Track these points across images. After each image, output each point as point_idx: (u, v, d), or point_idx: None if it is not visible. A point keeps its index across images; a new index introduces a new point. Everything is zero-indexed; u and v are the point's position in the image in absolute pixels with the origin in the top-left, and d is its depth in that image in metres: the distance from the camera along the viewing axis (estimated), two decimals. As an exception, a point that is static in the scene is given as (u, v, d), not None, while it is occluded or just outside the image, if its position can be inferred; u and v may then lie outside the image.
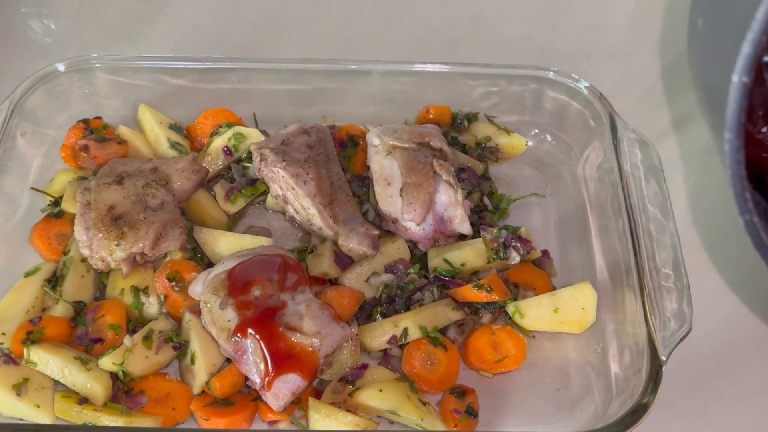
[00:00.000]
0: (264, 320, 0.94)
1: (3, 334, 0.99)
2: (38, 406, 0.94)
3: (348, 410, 0.95)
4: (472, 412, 0.98)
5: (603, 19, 1.53)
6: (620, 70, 1.43)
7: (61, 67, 1.17)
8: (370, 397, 0.95)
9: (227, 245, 1.09)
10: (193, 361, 0.98)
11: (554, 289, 1.09)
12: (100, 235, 1.02)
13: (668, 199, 1.05)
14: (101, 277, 1.07)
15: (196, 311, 1.01)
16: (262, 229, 1.18)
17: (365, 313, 1.06)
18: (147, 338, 0.99)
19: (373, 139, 1.17)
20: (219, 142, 1.20)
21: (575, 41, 1.47)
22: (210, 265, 1.09)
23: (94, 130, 1.20)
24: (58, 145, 1.19)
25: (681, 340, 0.93)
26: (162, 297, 1.04)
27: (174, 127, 1.22)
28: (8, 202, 1.12)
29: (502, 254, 1.08)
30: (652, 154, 1.10)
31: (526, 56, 1.43)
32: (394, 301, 1.07)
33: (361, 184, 1.19)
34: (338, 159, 1.17)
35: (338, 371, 1.00)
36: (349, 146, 1.22)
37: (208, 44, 1.37)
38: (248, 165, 1.18)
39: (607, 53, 1.46)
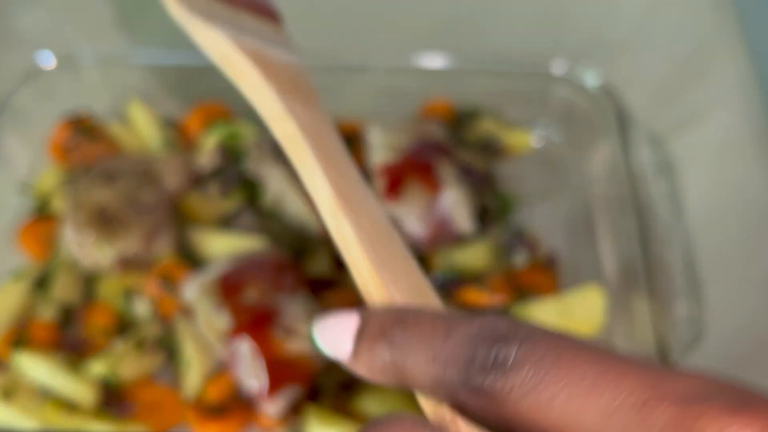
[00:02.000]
0: (259, 324, 0.93)
1: (-11, 338, 0.98)
2: (26, 412, 0.92)
3: (346, 415, 0.93)
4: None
5: (612, 10, 1.50)
6: (630, 64, 1.41)
7: (49, 62, 1.16)
8: (368, 401, 0.93)
9: (221, 246, 1.06)
10: (185, 366, 0.96)
11: (560, 291, 1.06)
12: (90, 235, 1.01)
13: (680, 198, 1.03)
14: (91, 279, 1.05)
15: (189, 314, 0.99)
16: (258, 230, 1.16)
17: (364, 316, 1.04)
18: (138, 342, 0.97)
19: (373, 138, 1.15)
20: (213, 140, 1.18)
21: (583, 34, 1.45)
22: (203, 266, 1.07)
23: (84, 127, 1.19)
24: (46, 143, 1.18)
25: (692, 343, 0.91)
26: (153, 300, 1.01)
27: (166, 124, 1.21)
28: (-4, 201, 1.11)
29: (506, 255, 1.06)
30: (663, 151, 1.08)
31: (532, 50, 1.41)
32: (394, 303, 1.05)
33: (361, 183, 1.17)
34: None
35: (336, 376, 0.98)
36: (348, 144, 1.20)
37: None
38: (244, 163, 1.16)
39: (616, 47, 1.43)
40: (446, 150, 1.13)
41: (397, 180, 1.09)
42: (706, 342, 0.95)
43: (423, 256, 1.11)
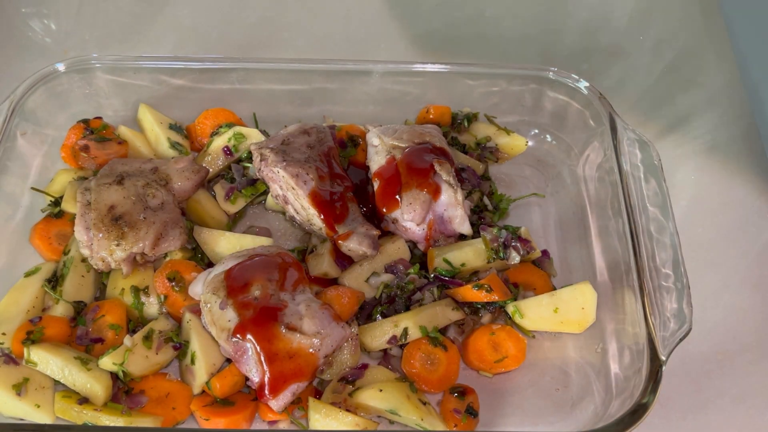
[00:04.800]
0: (264, 321, 0.94)
1: (3, 334, 0.99)
2: (38, 406, 0.95)
3: (348, 410, 0.96)
4: (472, 412, 0.98)
5: (603, 19, 1.53)
6: (620, 70, 1.44)
7: (61, 67, 1.17)
8: (370, 396, 0.96)
9: (227, 245, 1.09)
10: (193, 361, 0.98)
11: (554, 289, 1.09)
12: (101, 235, 1.02)
13: (668, 198, 1.05)
14: (101, 277, 1.08)
15: (197, 311, 1.01)
16: (262, 229, 1.18)
17: (365, 313, 1.06)
18: (147, 338, 0.99)
19: (373, 139, 1.17)
20: (219, 142, 1.20)
21: (575, 41, 1.47)
22: (210, 265, 1.09)
23: (95, 130, 1.20)
24: (58, 145, 1.20)
25: (681, 340, 0.93)
26: (162, 297, 1.04)
27: (174, 127, 1.22)
28: (8, 202, 1.12)
29: (502, 254, 1.08)
30: (651, 153, 1.10)
31: (526, 56, 1.43)
32: (394, 301, 1.07)
33: (361, 184, 1.20)
34: (338, 159, 1.17)
35: (338, 371, 1.00)
36: (349, 146, 1.22)
37: (208, 44, 1.37)
38: (248, 165, 1.18)
39: (607, 53, 1.46)
40: (444, 152, 1.15)
41: (396, 181, 1.11)
42: (694, 337, 0.97)
43: (422, 255, 1.13)
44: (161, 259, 1.08)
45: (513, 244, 1.09)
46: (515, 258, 1.08)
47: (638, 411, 0.88)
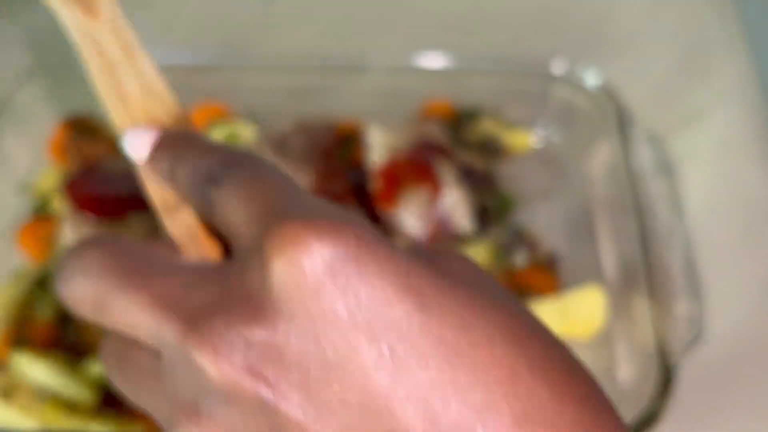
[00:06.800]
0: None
1: (-11, 338, 0.98)
2: (26, 412, 0.92)
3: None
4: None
5: (612, 8, 1.50)
6: (630, 63, 1.40)
7: (50, 62, 1.16)
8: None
9: (221, 246, 1.07)
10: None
11: (560, 291, 1.06)
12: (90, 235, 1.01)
13: (680, 197, 1.02)
14: (91, 279, 1.06)
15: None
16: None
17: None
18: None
19: (373, 137, 1.15)
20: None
21: (583, 34, 1.45)
22: (203, 266, 1.07)
23: (84, 127, 1.19)
24: (46, 143, 1.18)
25: (692, 344, 0.90)
26: (153, 300, 1.02)
27: (166, 124, 1.21)
28: (-5, 202, 1.11)
29: (505, 256, 1.06)
30: (663, 151, 1.07)
31: (532, 50, 1.40)
32: (393, 303, 1.05)
33: (361, 183, 1.18)
34: (336, 158, 1.15)
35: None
36: (347, 145, 1.20)
37: (202, 37, 1.36)
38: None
39: (616, 46, 1.43)
40: (446, 150, 1.12)
41: (396, 180, 1.09)
42: (706, 342, 0.94)
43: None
44: (152, 261, 1.06)
45: (517, 245, 1.08)
46: (519, 259, 1.06)
47: (646, 419, 0.84)
